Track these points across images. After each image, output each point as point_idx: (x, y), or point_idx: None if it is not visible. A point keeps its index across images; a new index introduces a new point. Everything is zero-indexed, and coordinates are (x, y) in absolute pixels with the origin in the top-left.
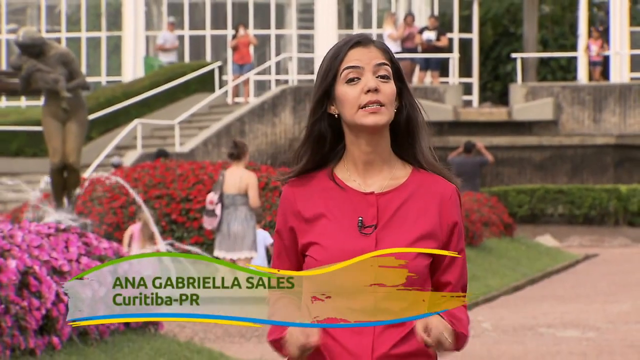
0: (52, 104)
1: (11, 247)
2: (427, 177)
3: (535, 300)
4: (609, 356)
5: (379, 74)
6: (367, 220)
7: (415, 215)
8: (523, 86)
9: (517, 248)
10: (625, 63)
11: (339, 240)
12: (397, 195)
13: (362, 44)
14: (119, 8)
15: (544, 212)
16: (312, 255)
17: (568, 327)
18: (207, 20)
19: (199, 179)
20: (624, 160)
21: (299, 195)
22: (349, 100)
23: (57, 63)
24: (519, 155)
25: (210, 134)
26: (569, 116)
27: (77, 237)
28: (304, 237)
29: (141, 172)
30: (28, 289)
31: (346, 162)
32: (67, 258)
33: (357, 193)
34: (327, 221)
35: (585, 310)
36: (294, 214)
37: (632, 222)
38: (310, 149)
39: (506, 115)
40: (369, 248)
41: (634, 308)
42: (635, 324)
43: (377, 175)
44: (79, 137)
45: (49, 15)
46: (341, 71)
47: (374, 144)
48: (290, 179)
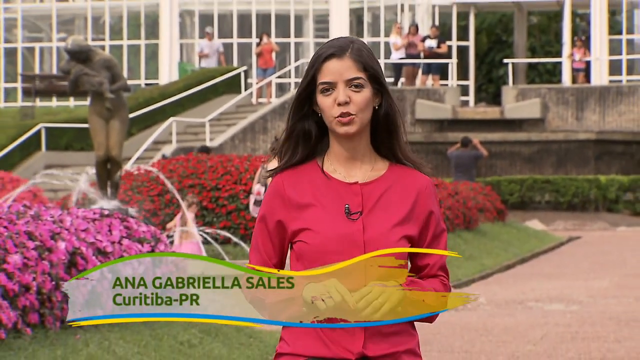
0: (97, 104)
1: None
2: (404, 170)
3: (524, 278)
4: (590, 327)
5: (352, 84)
6: (353, 207)
7: (395, 203)
8: (514, 88)
9: (509, 231)
10: (605, 68)
11: (329, 225)
12: (379, 185)
13: (337, 56)
14: (156, 19)
15: (532, 199)
16: (303, 240)
17: (554, 301)
18: (234, 30)
19: (226, 170)
20: (603, 154)
21: (288, 185)
22: (324, 110)
23: (101, 67)
24: (510, 149)
25: (237, 130)
26: (555, 115)
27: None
28: (294, 223)
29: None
30: (76, 268)
31: (330, 156)
32: (110, 240)
33: (342, 184)
34: (316, 209)
35: (569, 286)
36: (283, 202)
37: (610, 208)
38: (294, 145)
39: (499, 113)
40: (357, 232)
41: (612, 284)
42: (613, 298)
43: (359, 168)
44: (121, 133)
45: (94, 25)
46: (317, 82)
47: (353, 144)
48: (281, 170)
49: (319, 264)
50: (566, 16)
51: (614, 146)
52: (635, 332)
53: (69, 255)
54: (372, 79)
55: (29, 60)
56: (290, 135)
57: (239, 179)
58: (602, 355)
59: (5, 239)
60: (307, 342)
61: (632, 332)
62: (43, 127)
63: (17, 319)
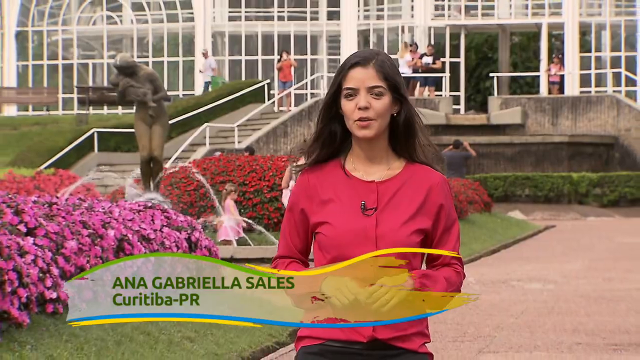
0: (142, 112)
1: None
2: (418, 169)
3: (507, 261)
4: (564, 303)
5: (372, 92)
6: (368, 203)
7: (408, 199)
8: (498, 98)
9: (494, 221)
10: (576, 81)
11: (345, 220)
12: (394, 184)
13: (361, 65)
14: (192, 39)
15: (514, 193)
16: (322, 232)
17: (532, 281)
18: (259, 48)
19: (252, 168)
20: (575, 154)
21: (312, 182)
22: (347, 113)
23: (145, 80)
24: (495, 150)
25: (261, 134)
26: (533, 121)
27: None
28: (315, 216)
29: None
30: (123, 252)
31: (352, 156)
32: (153, 228)
33: (360, 182)
34: (335, 204)
35: (545, 268)
36: (308, 196)
37: (581, 201)
38: (320, 146)
39: (485, 120)
40: (370, 227)
41: (582, 266)
42: (583, 278)
43: (377, 167)
44: (162, 136)
45: (139, 44)
46: (342, 88)
47: (371, 146)
48: (307, 167)
49: (337, 254)
50: (543, 37)
51: (584, 148)
52: (602, 308)
53: (117, 241)
54: (392, 88)
55: (83, 75)
56: (319, 137)
57: (263, 176)
58: (574, 327)
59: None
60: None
61: (600, 308)
62: (95, 131)
63: None
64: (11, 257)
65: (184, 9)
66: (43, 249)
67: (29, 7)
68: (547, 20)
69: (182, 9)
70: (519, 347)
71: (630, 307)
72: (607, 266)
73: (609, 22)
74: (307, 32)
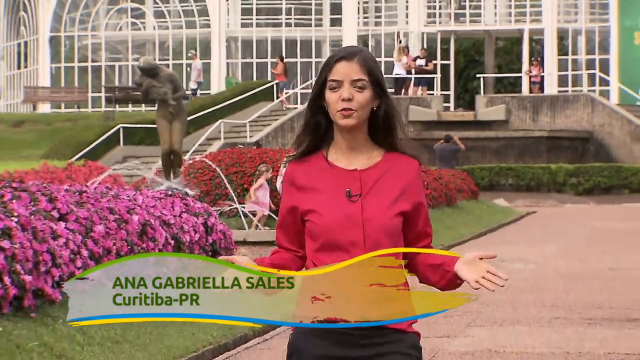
0: (163, 109)
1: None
2: (397, 157)
3: (493, 243)
4: (543, 281)
5: (355, 85)
6: (353, 190)
7: (389, 185)
8: (484, 97)
9: (480, 207)
10: (555, 81)
11: (332, 207)
12: (375, 171)
13: (346, 59)
14: (208, 43)
15: (498, 183)
16: (311, 220)
17: (515, 261)
18: (269, 52)
19: (262, 160)
20: (553, 147)
21: (297, 173)
22: (330, 104)
23: (166, 81)
24: (482, 144)
25: (270, 129)
26: (516, 117)
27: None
28: (303, 205)
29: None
30: (146, 235)
31: (334, 147)
32: (173, 214)
33: (343, 171)
34: (321, 193)
35: (526, 250)
36: (294, 187)
37: (559, 190)
38: (309, 134)
39: (473, 116)
40: (357, 212)
41: (560, 249)
42: (561, 259)
43: (358, 157)
44: (181, 131)
45: (160, 48)
46: (328, 80)
47: (352, 136)
48: (292, 161)
49: (326, 239)
50: (525, 41)
51: (561, 141)
52: (577, 285)
53: (140, 225)
54: (374, 83)
55: (110, 76)
56: (307, 127)
57: (272, 167)
58: (552, 303)
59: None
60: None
61: (575, 285)
62: (121, 126)
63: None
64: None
65: (201, 16)
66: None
67: (61, 14)
68: (529, 27)
69: (199, 16)
70: (502, 321)
71: (602, 285)
72: (582, 248)
73: (584, 28)
74: (312, 37)
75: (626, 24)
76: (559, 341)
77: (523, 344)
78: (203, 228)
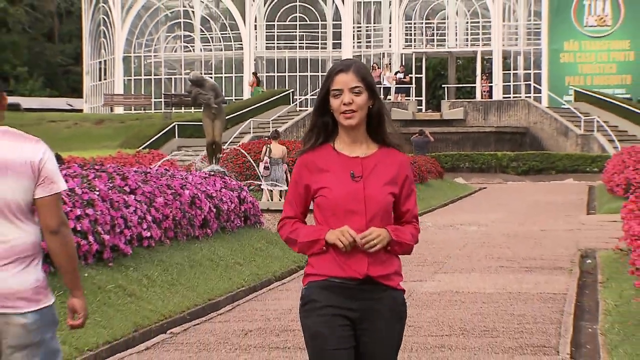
0: (207, 111)
1: (186, 183)
2: (390, 151)
3: (454, 211)
4: (492, 239)
5: (353, 91)
6: (356, 173)
7: (384, 171)
8: (448, 101)
9: (445, 184)
10: (500, 90)
11: (341, 185)
12: (373, 160)
13: (344, 71)
14: (241, 62)
15: (458, 166)
16: (323, 195)
17: (472, 225)
18: (286, 68)
19: None
20: (499, 140)
21: (311, 159)
22: (335, 108)
23: (209, 90)
24: (446, 137)
25: (287, 126)
26: (471, 117)
27: (219, 178)
28: (316, 184)
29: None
30: (195, 205)
31: (339, 140)
32: (214, 189)
33: (347, 157)
34: (330, 174)
35: (479, 216)
36: (308, 170)
37: (503, 171)
38: (317, 133)
39: (439, 116)
40: (359, 189)
41: (504, 215)
42: (505, 223)
43: (359, 148)
44: (221, 127)
45: (205, 65)
46: (331, 89)
47: (354, 132)
48: (305, 151)
49: (334, 211)
50: (478, 60)
51: (505, 135)
52: (517, 242)
53: (190, 198)
54: (367, 87)
55: (168, 86)
56: (313, 127)
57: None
58: (498, 256)
59: (154, 188)
60: (328, 265)
61: (516, 243)
62: (176, 124)
63: (161, 235)
64: (119, 208)
65: (236, 42)
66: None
67: (131, 40)
68: (481, 49)
69: (234, 41)
70: (461, 269)
71: (536, 242)
72: (520, 215)
73: (522, 50)
74: (318, 57)
75: (553, 47)
76: (503, 284)
77: (476, 286)
78: (237, 200)
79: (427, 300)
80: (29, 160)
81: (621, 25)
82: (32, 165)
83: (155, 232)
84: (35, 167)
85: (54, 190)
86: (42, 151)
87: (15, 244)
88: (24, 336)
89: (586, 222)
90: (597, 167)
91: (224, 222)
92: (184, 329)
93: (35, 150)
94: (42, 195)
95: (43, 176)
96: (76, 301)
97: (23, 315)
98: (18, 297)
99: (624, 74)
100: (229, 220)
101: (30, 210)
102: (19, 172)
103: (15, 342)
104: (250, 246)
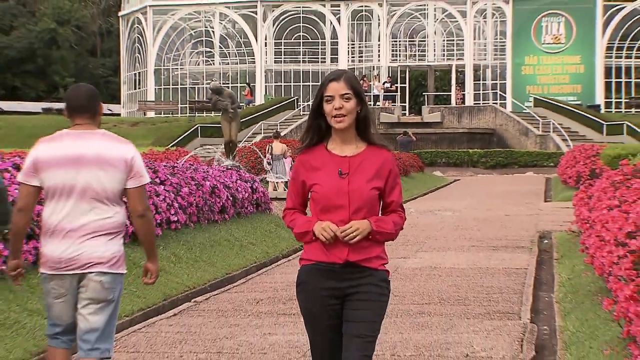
0: (225, 115)
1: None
2: (375, 149)
3: (433, 199)
4: (464, 223)
5: (343, 97)
6: (343, 170)
7: (369, 167)
8: (427, 107)
9: (425, 177)
10: (472, 97)
11: (329, 181)
12: (359, 158)
13: (335, 80)
14: (253, 73)
15: (437, 161)
16: (315, 190)
17: (447, 210)
18: (291, 78)
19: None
20: (471, 139)
21: (307, 158)
22: (327, 112)
23: (227, 97)
24: (426, 137)
25: (292, 127)
26: (448, 120)
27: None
28: (310, 180)
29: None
30: (214, 194)
31: (332, 141)
32: (231, 181)
33: (338, 156)
34: (322, 172)
35: (454, 204)
36: (305, 168)
37: (474, 165)
38: (312, 134)
39: (420, 119)
40: (344, 185)
41: (474, 202)
42: (475, 209)
43: (348, 147)
44: (237, 128)
45: (223, 76)
46: (324, 96)
47: (344, 133)
48: (302, 150)
49: (324, 203)
50: (453, 72)
51: (476, 135)
52: (486, 226)
53: (211, 188)
54: (356, 94)
55: (192, 94)
56: (309, 129)
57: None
58: (470, 237)
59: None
60: (315, 252)
61: (485, 226)
62: (199, 125)
63: (186, 219)
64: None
65: (249, 56)
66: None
67: (161, 55)
68: (455, 63)
69: (248, 56)
70: (439, 248)
71: (501, 225)
72: (488, 202)
73: (490, 64)
74: (319, 69)
75: (516, 61)
76: (474, 260)
77: (452, 262)
78: (250, 189)
79: (410, 274)
80: (123, 158)
81: (573, 43)
82: (125, 162)
83: (181, 216)
84: (128, 163)
85: (142, 182)
86: (133, 151)
87: (108, 222)
88: (100, 292)
89: (544, 208)
90: (552, 162)
91: (239, 209)
92: (205, 298)
93: (128, 150)
94: (133, 186)
95: (134, 171)
96: (150, 265)
97: (104, 274)
98: (102, 262)
99: (575, 84)
100: (243, 207)
101: (120, 197)
102: (116, 167)
103: (93, 295)
104: (261, 229)
